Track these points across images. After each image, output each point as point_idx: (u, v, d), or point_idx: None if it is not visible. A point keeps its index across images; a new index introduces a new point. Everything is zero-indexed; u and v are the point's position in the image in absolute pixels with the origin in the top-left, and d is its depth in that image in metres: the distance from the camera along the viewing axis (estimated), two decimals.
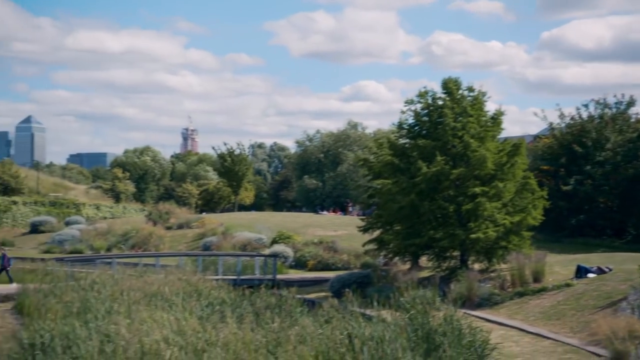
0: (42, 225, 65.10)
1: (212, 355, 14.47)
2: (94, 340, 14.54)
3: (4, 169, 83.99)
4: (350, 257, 39.72)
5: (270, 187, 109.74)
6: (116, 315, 18.02)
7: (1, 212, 74.40)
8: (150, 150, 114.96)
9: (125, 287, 24.09)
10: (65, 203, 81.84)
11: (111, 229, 59.75)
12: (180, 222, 59.38)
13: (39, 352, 14.25)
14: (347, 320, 17.12)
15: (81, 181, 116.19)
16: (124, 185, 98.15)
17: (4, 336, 21.57)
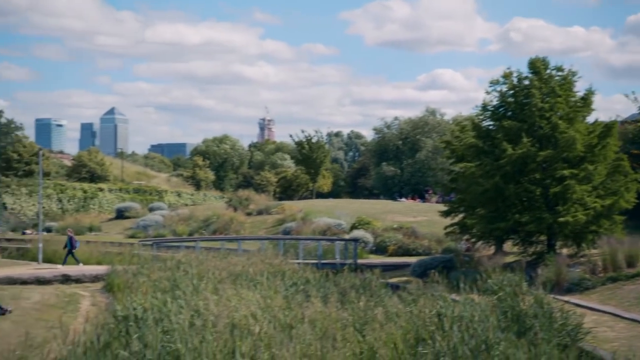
0: (127, 211, 67.00)
1: (300, 332, 14.39)
2: (185, 314, 14.69)
3: (90, 157, 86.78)
4: (431, 242, 39.18)
5: (348, 175, 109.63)
6: (203, 292, 18.21)
7: (88, 199, 77.00)
8: (229, 139, 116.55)
9: (209, 267, 24.41)
10: (148, 190, 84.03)
11: (193, 215, 60.91)
12: (259, 209, 60.04)
13: (132, 323, 14.51)
14: (435, 299, 16.78)
15: (163, 170, 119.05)
16: (204, 173, 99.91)
17: (98, 309, 22.23)
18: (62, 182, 78.23)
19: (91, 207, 75.27)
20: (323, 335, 14.53)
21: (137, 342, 12.77)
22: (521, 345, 13.64)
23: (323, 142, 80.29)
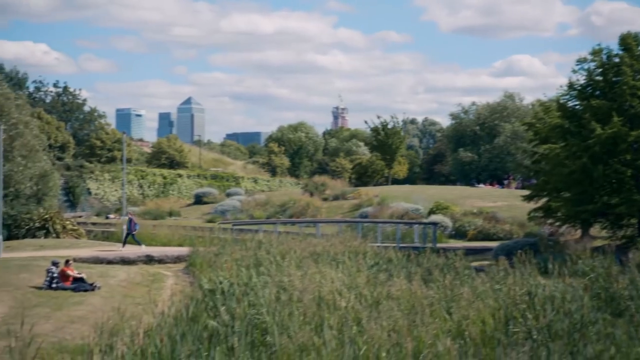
0: (205, 197, 68.18)
1: (386, 308, 14.18)
2: (270, 288, 14.69)
3: (169, 144, 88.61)
4: (512, 226, 38.29)
5: (423, 161, 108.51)
6: (287, 269, 18.21)
7: (168, 184, 78.75)
8: (304, 127, 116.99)
9: (290, 247, 24.45)
10: (225, 176, 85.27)
11: (269, 200, 61.46)
12: (335, 194, 60.05)
13: (219, 296, 14.61)
14: (524, 278, 16.27)
15: (238, 157, 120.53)
16: (279, 159, 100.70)
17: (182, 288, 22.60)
18: (143, 168, 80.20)
19: (170, 193, 76.96)
20: (410, 311, 14.30)
21: (225, 313, 12.82)
22: (619, 325, 13.07)
23: (399, 128, 79.53)
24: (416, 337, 12.18)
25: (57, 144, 74.89)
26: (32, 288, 22.80)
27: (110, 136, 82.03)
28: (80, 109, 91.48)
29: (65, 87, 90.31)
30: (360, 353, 10.92)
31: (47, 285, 22.89)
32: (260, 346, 12.35)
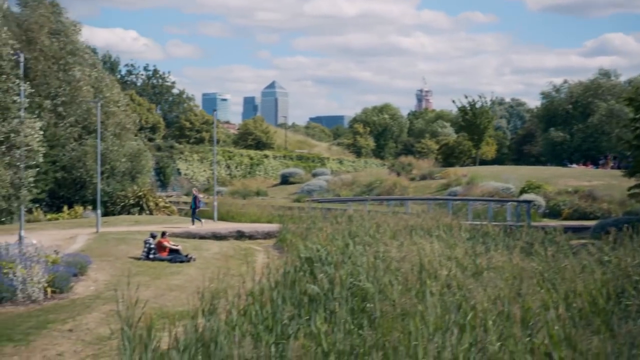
0: (292, 177, 68.65)
1: (487, 278, 13.74)
2: (368, 257, 14.49)
3: (255, 125, 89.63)
4: (611, 205, 36.77)
5: (512, 142, 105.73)
6: (382, 239, 17.97)
7: (254, 165, 79.72)
8: (389, 108, 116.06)
9: (382, 221, 24.19)
10: (310, 157, 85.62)
11: (356, 180, 61.29)
12: (422, 174, 59.30)
13: (317, 263, 14.53)
14: (636, 250, 15.45)
15: (323, 139, 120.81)
16: (364, 140, 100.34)
17: (277, 257, 22.70)
18: (230, 149, 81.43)
19: (257, 173, 77.92)
20: (513, 282, 13.82)
21: (325, 279, 12.70)
22: None
23: (487, 107, 77.61)
24: (522, 306, 11.74)
25: (148, 125, 76.90)
26: (130, 259, 23.43)
27: (199, 117, 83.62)
28: (170, 92, 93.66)
29: (155, 70, 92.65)
30: (468, 319, 10.58)
31: (145, 256, 23.47)
32: (359, 312, 12.18)
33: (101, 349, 13.52)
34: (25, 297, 16.28)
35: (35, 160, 17.11)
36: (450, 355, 9.34)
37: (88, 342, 13.81)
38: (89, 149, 46.23)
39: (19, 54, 16.78)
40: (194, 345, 10.16)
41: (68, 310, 15.86)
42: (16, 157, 16.79)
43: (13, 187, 16.44)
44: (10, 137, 16.31)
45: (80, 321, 14.94)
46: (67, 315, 15.35)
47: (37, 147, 16.97)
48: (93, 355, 13.16)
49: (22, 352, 12.78)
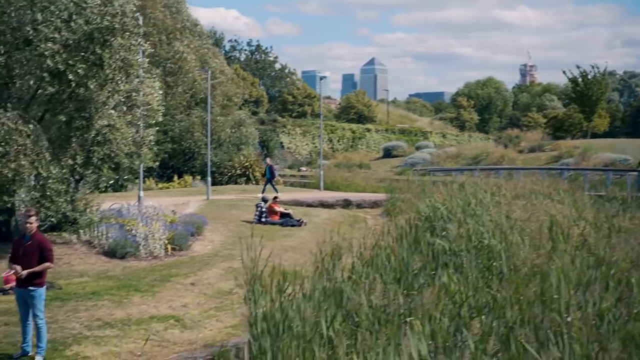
0: (394, 150, 68.00)
1: (622, 239, 12.88)
2: (491, 215, 13.90)
3: (357, 99, 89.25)
4: None
5: (626, 115, 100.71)
6: (503, 201, 17.29)
7: (356, 139, 79.49)
8: (493, 82, 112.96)
9: (497, 185, 23.42)
10: (413, 131, 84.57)
11: (461, 153, 60.04)
12: (531, 146, 57.40)
13: (439, 220, 14.10)
14: None
15: (424, 114, 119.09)
16: (468, 114, 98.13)
17: (386, 224, 22.37)
18: (332, 123, 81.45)
19: (359, 147, 77.66)
20: None
21: (450, 233, 12.26)
22: None
23: (600, 77, 73.95)
24: None
25: (252, 99, 77.87)
26: (243, 222, 23.70)
27: (301, 91, 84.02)
28: (272, 67, 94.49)
29: (258, 45, 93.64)
30: (612, 273, 9.90)
31: (256, 220, 23.66)
32: (485, 271, 11.68)
33: (222, 302, 13.64)
34: (147, 253, 16.66)
35: (155, 119, 17.40)
36: (595, 311, 8.73)
37: (210, 295, 13.97)
38: (196, 119, 47.23)
39: (138, 16, 17.01)
40: (322, 293, 9.98)
41: (188, 266, 16.13)
42: (137, 116, 17.11)
43: (135, 144, 16.78)
44: (131, 95, 16.63)
45: (201, 276, 15.14)
46: (188, 270, 15.60)
47: (156, 106, 17.25)
48: (215, 308, 13.28)
49: (149, 302, 13.03)
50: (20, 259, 10.10)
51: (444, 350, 8.02)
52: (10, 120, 14.22)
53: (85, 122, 15.37)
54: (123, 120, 16.25)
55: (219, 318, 12.71)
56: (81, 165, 15.87)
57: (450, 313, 9.19)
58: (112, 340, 11.05)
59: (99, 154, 15.85)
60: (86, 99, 15.37)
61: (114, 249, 16.45)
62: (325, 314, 9.09)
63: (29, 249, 10.14)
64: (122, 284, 14.05)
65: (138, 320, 11.99)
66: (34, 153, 14.55)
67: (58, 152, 15.49)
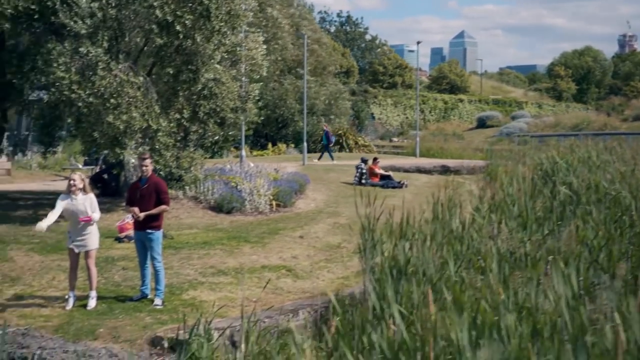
0: (489, 120, 66.34)
1: None
2: (618, 166, 13.05)
3: (450, 69, 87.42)
4: None
5: None
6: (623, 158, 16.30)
7: (448, 109, 77.99)
8: (591, 51, 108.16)
9: (608, 149, 22.20)
10: (507, 101, 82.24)
11: (559, 122, 58.01)
12: (636, 114, 54.75)
13: (558, 173, 13.37)
14: None
15: (518, 85, 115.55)
16: (565, 83, 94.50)
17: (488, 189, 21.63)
18: (424, 94, 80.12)
19: (451, 117, 76.17)
20: None
21: (575, 182, 11.54)
22: None
23: None
24: None
25: (343, 69, 77.36)
26: (342, 183, 23.45)
27: (392, 62, 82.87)
28: (362, 38, 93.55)
29: (348, 16, 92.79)
30: None
31: (356, 181, 23.35)
32: (612, 223, 10.93)
33: (332, 255, 13.39)
34: (252, 208, 16.60)
35: (259, 73, 17.20)
36: None
37: (319, 248, 13.75)
38: (289, 87, 47.13)
39: None
40: (444, 238, 9.54)
41: (294, 221, 15.97)
42: (241, 71, 16.96)
43: (240, 99, 16.65)
44: (236, 50, 16.47)
45: (309, 230, 14.94)
46: (295, 224, 15.43)
47: (261, 60, 17.04)
48: (326, 260, 13.04)
49: (259, 252, 12.92)
50: (137, 202, 10.08)
51: (588, 293, 7.45)
52: (122, 72, 14.30)
53: (192, 75, 15.30)
54: (228, 74, 16.12)
55: (330, 269, 12.45)
56: (188, 119, 15.84)
57: (585, 260, 8.59)
58: (227, 287, 10.97)
59: (205, 108, 15.77)
60: (193, 52, 15.29)
61: (220, 204, 16.46)
62: (451, 256, 8.66)
63: (146, 192, 10.10)
64: (231, 235, 14.01)
65: (250, 269, 11.87)
66: (144, 105, 14.61)
67: (166, 105, 15.52)
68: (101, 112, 14.25)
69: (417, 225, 10.46)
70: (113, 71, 14.21)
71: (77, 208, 9.69)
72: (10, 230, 13.67)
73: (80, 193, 9.73)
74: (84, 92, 14.02)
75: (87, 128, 14.45)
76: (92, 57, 14.15)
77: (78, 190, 9.72)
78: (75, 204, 9.69)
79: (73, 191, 9.71)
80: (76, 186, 9.70)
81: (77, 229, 9.81)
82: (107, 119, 14.07)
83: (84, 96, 14.02)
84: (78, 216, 9.68)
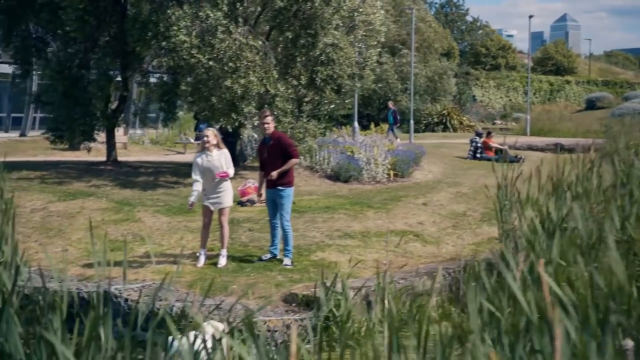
0: (599, 101, 63.22)
1: None
2: None
3: (557, 49, 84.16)
4: None
5: None
6: None
7: (554, 91, 75.11)
8: None
9: None
10: (618, 83, 78.53)
11: None
12: None
13: None
14: None
15: (628, 67, 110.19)
16: None
17: None
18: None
19: (557, 99, 73.30)
20: None
21: None
22: None
23: None
24: None
25: (444, 51, 75.73)
26: (456, 158, 22.73)
27: (495, 43, 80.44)
28: (462, 20, 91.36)
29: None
30: None
31: (471, 156, 22.58)
32: None
33: (458, 222, 12.79)
34: (370, 177, 16.18)
35: (377, 39, 16.67)
36: None
37: (444, 215, 13.16)
38: (389, 67, 46.36)
39: None
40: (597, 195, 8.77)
41: (414, 189, 15.43)
42: (358, 37, 16.49)
43: (357, 65, 16.20)
44: (353, 15, 16.01)
45: (431, 198, 14.37)
46: (416, 193, 14.89)
47: (379, 26, 16.51)
48: (452, 226, 12.46)
49: (383, 217, 12.47)
50: (266, 162, 9.81)
51: None
52: (242, 35, 14.11)
53: (311, 39, 14.96)
54: (346, 39, 15.69)
55: (460, 236, 11.87)
56: (305, 86, 15.54)
57: None
58: (355, 249, 10.59)
59: (322, 74, 15.40)
60: (311, 16, 14.95)
61: (338, 172, 16.12)
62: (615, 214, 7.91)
63: (272, 149, 9.80)
64: (353, 201, 13.63)
65: (377, 233, 11.44)
66: (262, 70, 14.39)
67: (283, 72, 15.25)
68: (219, 77, 14.12)
69: (565, 184, 9.68)
70: (232, 34, 14.04)
71: (212, 164, 9.50)
72: (135, 194, 13.79)
73: (214, 149, 9.56)
74: (203, 57, 13.92)
75: (206, 92, 14.35)
76: (211, 20, 14.03)
77: (212, 147, 9.54)
78: (211, 160, 9.51)
79: (207, 148, 9.54)
80: (210, 142, 9.53)
81: (213, 186, 9.63)
82: (225, 83, 13.93)
83: (203, 60, 13.92)
84: (214, 172, 9.49)
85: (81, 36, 15.62)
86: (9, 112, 29.90)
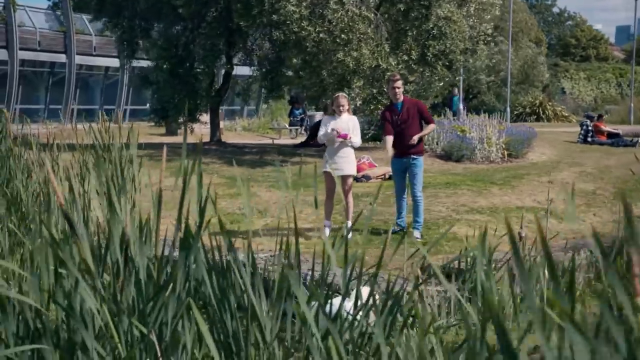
0: None
1: None
2: None
3: None
4: None
5: None
6: None
7: None
8: None
9: None
10: None
11: None
12: None
13: None
14: None
15: None
16: None
17: None
18: (622, 67, 74.34)
19: None
20: None
21: None
22: None
23: None
24: None
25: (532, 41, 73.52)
26: (566, 142, 21.61)
27: (586, 34, 77.58)
28: (549, 11, 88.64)
29: None
30: None
31: (582, 140, 21.43)
32: None
33: (590, 200, 11.90)
34: (483, 157, 15.38)
35: (491, 13, 15.84)
36: None
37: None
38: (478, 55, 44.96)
39: None
40: None
41: (533, 169, 14.57)
42: (470, 11, 15.70)
43: (470, 40, 15.41)
44: None
45: (556, 176, 13.48)
46: (537, 171, 14.04)
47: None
48: (585, 204, 11.57)
49: (509, 194, 11.69)
50: (399, 129, 9.11)
51: None
52: (354, 6, 13.55)
53: (425, 11, 14.26)
54: (459, 12, 14.92)
55: (596, 213, 10.99)
56: (416, 61, 14.86)
57: None
58: (484, 224, 9.85)
59: (434, 49, 14.68)
60: None
61: (449, 151, 15.40)
62: None
63: (406, 115, 9.14)
64: (474, 178, 12.89)
65: (505, 209, 10.68)
66: (374, 43, 13.80)
67: (394, 46, 14.62)
68: (330, 50, 13.60)
69: None
70: (345, 5, 13.50)
71: (338, 126, 8.97)
72: (245, 171, 13.46)
73: (345, 114, 9.04)
74: (313, 29, 13.44)
75: (316, 67, 13.86)
76: None
77: (344, 112, 9.03)
78: (339, 122, 8.99)
79: (340, 112, 9.01)
80: (343, 106, 9.01)
81: (334, 150, 9.09)
82: (337, 56, 13.40)
83: (313, 33, 13.44)
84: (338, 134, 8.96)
85: (188, 14, 15.39)
86: (101, 105, 30.39)
